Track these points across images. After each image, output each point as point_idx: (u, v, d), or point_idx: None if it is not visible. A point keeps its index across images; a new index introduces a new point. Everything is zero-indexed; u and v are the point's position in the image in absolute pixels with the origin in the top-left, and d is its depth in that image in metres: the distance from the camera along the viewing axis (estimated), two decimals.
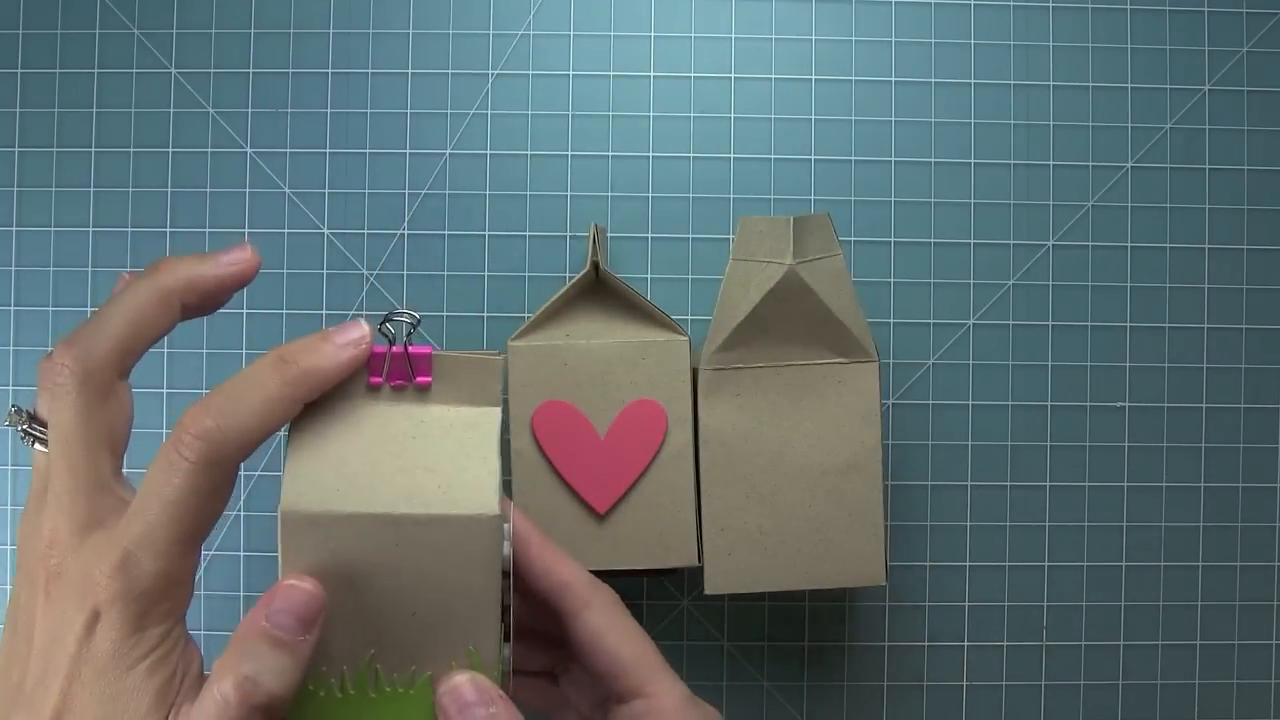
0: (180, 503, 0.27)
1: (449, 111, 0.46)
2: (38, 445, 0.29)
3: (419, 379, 0.29)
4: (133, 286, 0.30)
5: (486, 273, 0.46)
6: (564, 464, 0.38)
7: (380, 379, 0.29)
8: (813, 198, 0.46)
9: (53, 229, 0.46)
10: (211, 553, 0.45)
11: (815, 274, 0.38)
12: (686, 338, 0.39)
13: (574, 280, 0.39)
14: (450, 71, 0.46)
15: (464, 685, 0.28)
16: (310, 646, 0.27)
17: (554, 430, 0.38)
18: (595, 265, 0.39)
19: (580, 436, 0.38)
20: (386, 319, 0.29)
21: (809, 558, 0.39)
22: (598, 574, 0.34)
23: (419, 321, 0.30)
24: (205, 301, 0.31)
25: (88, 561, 0.27)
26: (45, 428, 0.29)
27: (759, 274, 0.38)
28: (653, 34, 0.46)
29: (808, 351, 0.39)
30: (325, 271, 0.46)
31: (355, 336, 0.29)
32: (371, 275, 0.46)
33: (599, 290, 0.40)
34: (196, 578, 0.29)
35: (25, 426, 0.29)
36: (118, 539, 0.27)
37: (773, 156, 0.46)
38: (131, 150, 0.46)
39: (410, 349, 0.29)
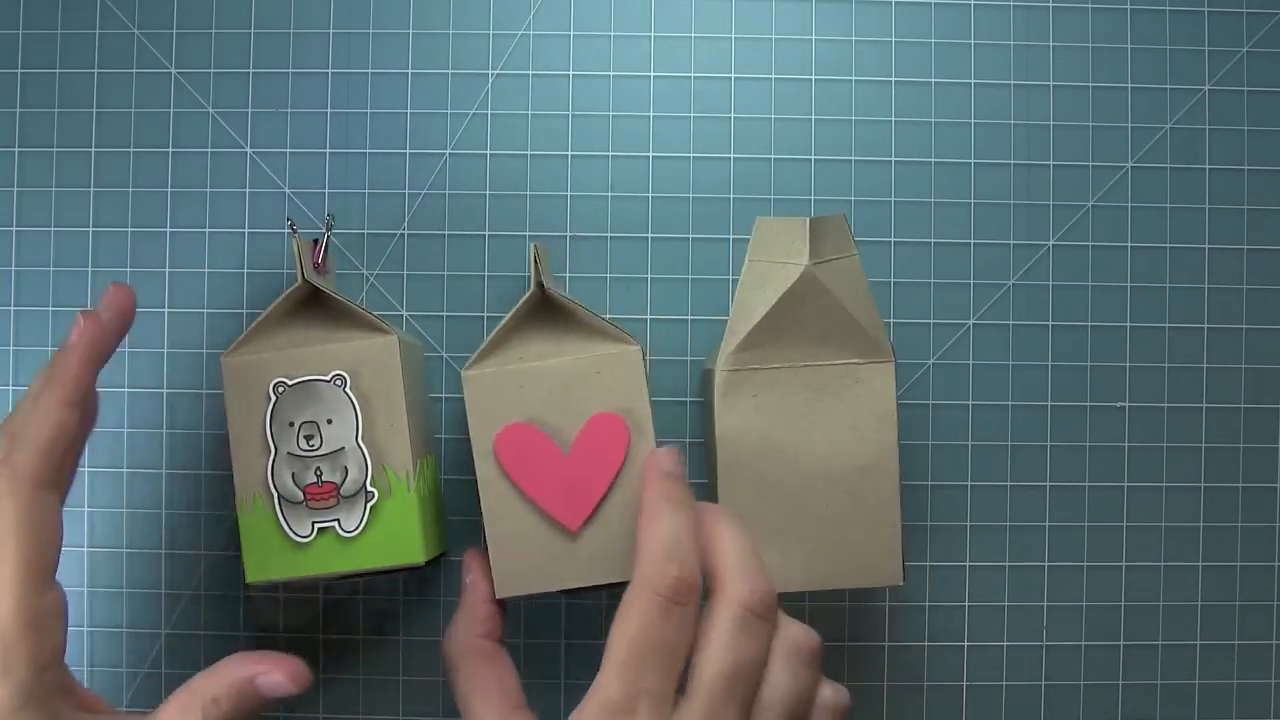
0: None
1: (449, 111, 0.46)
2: None
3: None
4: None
5: (486, 273, 0.46)
6: (531, 485, 0.37)
7: (318, 260, 0.40)
8: (813, 198, 0.46)
9: (53, 229, 0.46)
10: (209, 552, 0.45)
11: (832, 274, 0.37)
12: (637, 347, 0.38)
13: (521, 302, 0.39)
14: (450, 71, 0.46)
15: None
16: None
17: (518, 453, 0.37)
18: (540, 285, 0.38)
19: (544, 456, 0.37)
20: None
21: (826, 558, 0.38)
22: (575, 591, 0.37)
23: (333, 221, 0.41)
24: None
25: None
26: None
27: (775, 275, 0.38)
28: (653, 34, 0.46)
29: (824, 352, 0.38)
30: None
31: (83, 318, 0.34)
32: (371, 275, 0.46)
33: (547, 309, 0.40)
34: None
35: None
36: None
37: (773, 156, 0.46)
38: (131, 150, 0.46)
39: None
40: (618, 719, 0.30)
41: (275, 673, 0.33)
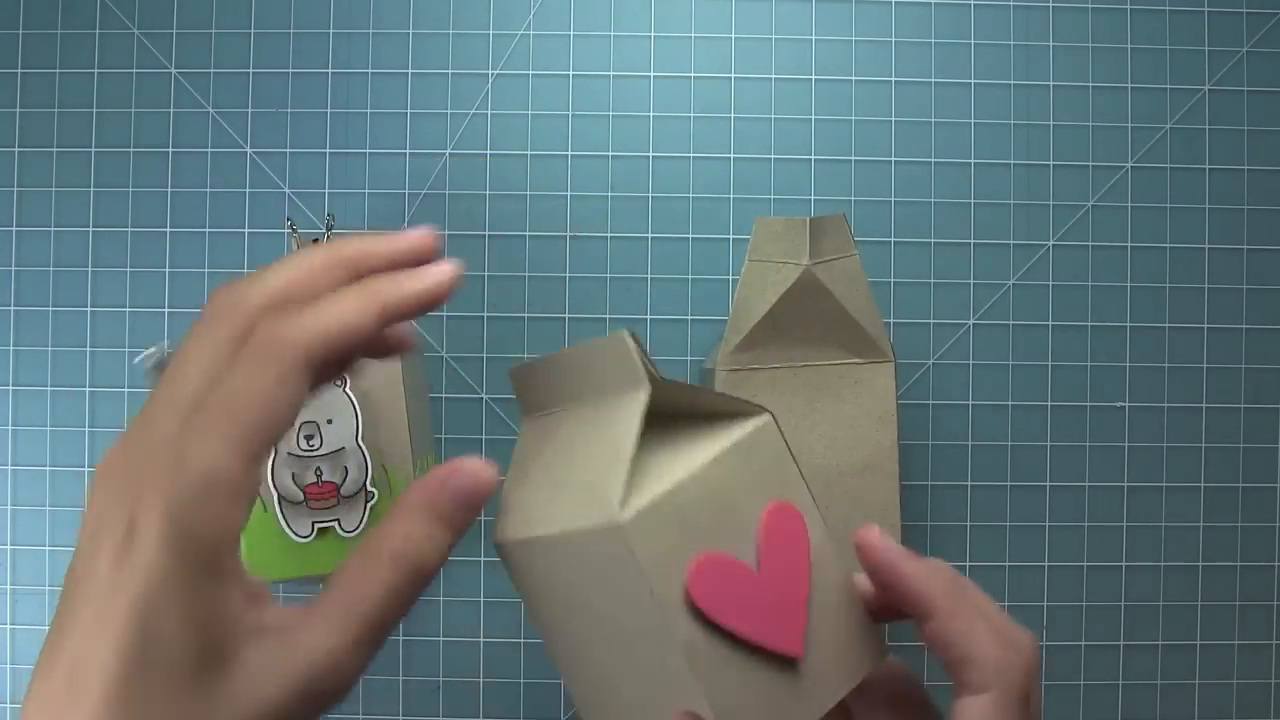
0: (253, 405, 0.24)
1: (449, 111, 0.46)
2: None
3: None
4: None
5: (486, 273, 0.46)
6: (742, 624, 0.27)
7: None
8: (813, 198, 0.46)
9: (53, 229, 0.46)
10: None
11: (831, 274, 0.37)
12: (768, 415, 0.28)
13: (637, 414, 0.27)
14: (450, 71, 0.46)
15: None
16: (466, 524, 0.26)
17: (716, 590, 0.27)
18: (653, 380, 0.27)
19: (741, 583, 0.27)
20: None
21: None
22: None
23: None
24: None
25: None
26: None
27: (775, 275, 0.38)
28: (653, 34, 0.46)
29: (824, 352, 0.38)
30: None
31: (444, 272, 0.26)
32: None
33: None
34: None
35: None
36: (173, 441, 0.23)
37: (773, 156, 0.46)
38: (131, 150, 0.46)
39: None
40: None
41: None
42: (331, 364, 0.26)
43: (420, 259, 0.27)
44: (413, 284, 0.26)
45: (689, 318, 0.46)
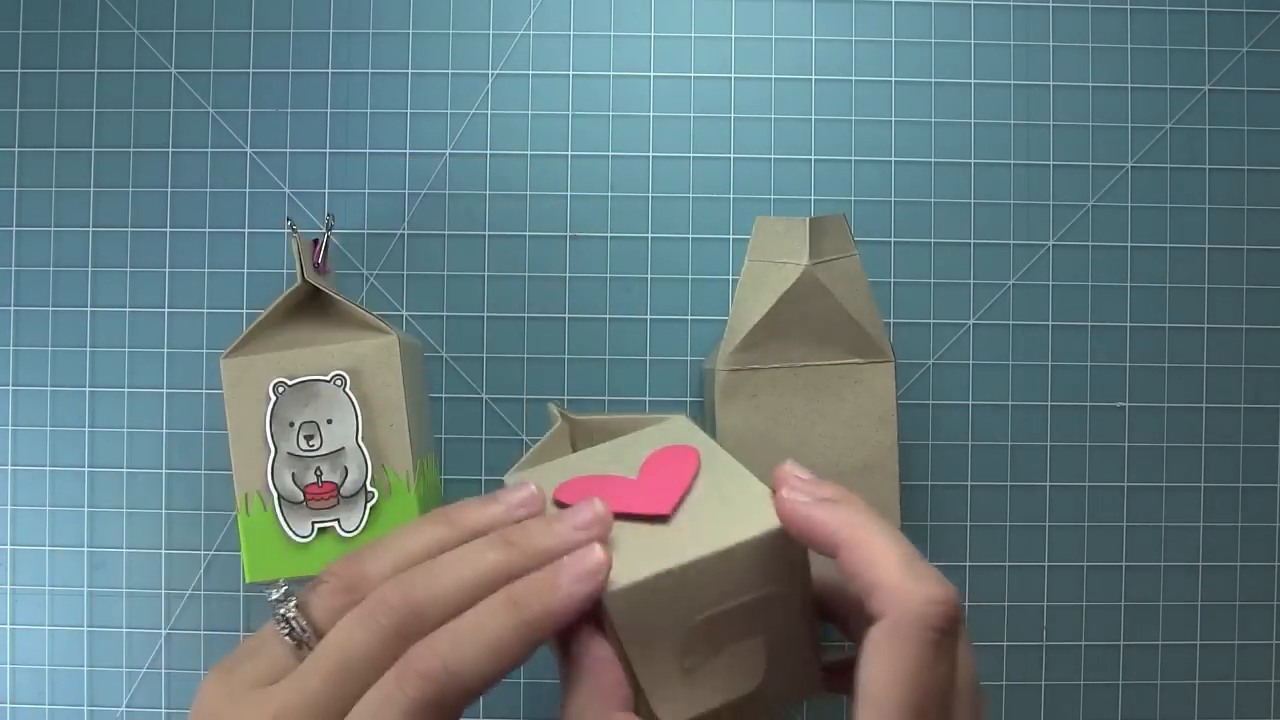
0: None
1: (449, 111, 0.46)
2: (289, 638, 0.27)
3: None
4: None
5: (486, 273, 0.46)
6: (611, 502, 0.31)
7: (318, 260, 0.39)
8: (813, 198, 0.46)
9: (53, 229, 0.46)
10: (212, 553, 0.46)
11: (832, 274, 0.37)
12: (684, 416, 0.34)
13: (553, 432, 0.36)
14: (450, 71, 0.46)
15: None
16: None
17: (575, 492, 0.32)
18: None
19: (608, 483, 0.33)
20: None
21: (827, 559, 0.38)
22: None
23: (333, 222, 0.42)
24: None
25: None
26: (311, 633, 0.27)
27: (775, 275, 0.38)
28: (653, 34, 0.46)
29: (824, 352, 0.38)
30: None
31: (590, 567, 0.27)
32: (371, 275, 0.46)
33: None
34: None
35: (293, 618, 0.27)
36: None
37: (773, 156, 0.46)
38: (131, 150, 0.46)
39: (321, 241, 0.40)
40: None
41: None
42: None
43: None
44: (549, 602, 0.27)
45: (689, 318, 0.46)
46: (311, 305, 0.40)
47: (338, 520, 0.38)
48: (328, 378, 0.38)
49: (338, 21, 0.46)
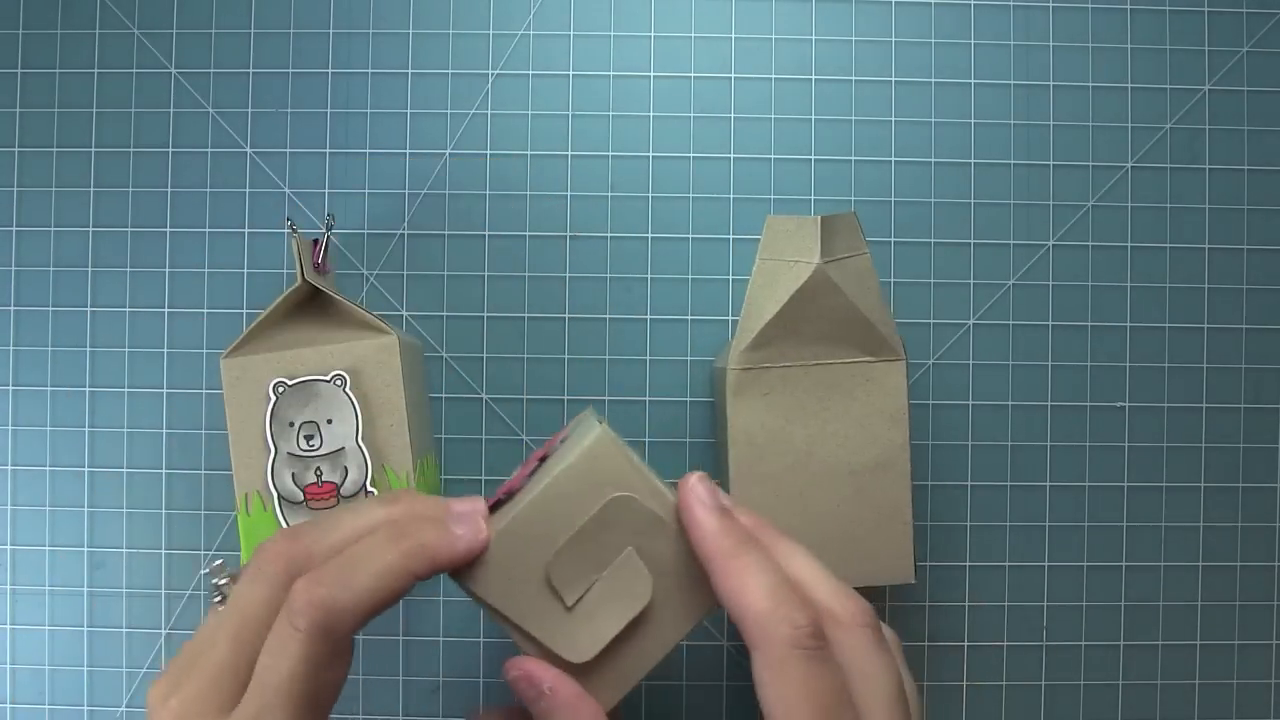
0: (294, 676, 0.26)
1: (449, 111, 0.46)
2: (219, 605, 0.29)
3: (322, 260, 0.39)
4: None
5: (486, 273, 0.46)
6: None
7: (318, 260, 0.39)
8: (813, 198, 0.46)
9: (53, 229, 0.46)
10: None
11: (843, 273, 0.37)
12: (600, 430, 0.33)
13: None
14: (450, 71, 0.46)
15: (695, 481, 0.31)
16: None
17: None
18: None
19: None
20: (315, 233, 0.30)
21: (837, 557, 0.38)
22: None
23: (333, 222, 0.42)
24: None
25: None
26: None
27: (786, 273, 0.38)
28: (653, 34, 0.46)
29: (835, 350, 0.38)
30: None
31: (469, 510, 0.30)
32: (371, 275, 0.46)
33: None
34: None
35: (224, 586, 0.29)
36: None
37: (773, 156, 0.46)
38: (131, 150, 0.46)
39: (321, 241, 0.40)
40: None
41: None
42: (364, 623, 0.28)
43: (473, 550, 0.30)
44: (438, 544, 0.29)
45: (689, 318, 0.46)
46: (311, 305, 0.40)
47: None
48: (328, 378, 0.38)
49: (338, 21, 0.46)
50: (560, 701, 0.29)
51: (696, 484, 0.31)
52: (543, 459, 0.34)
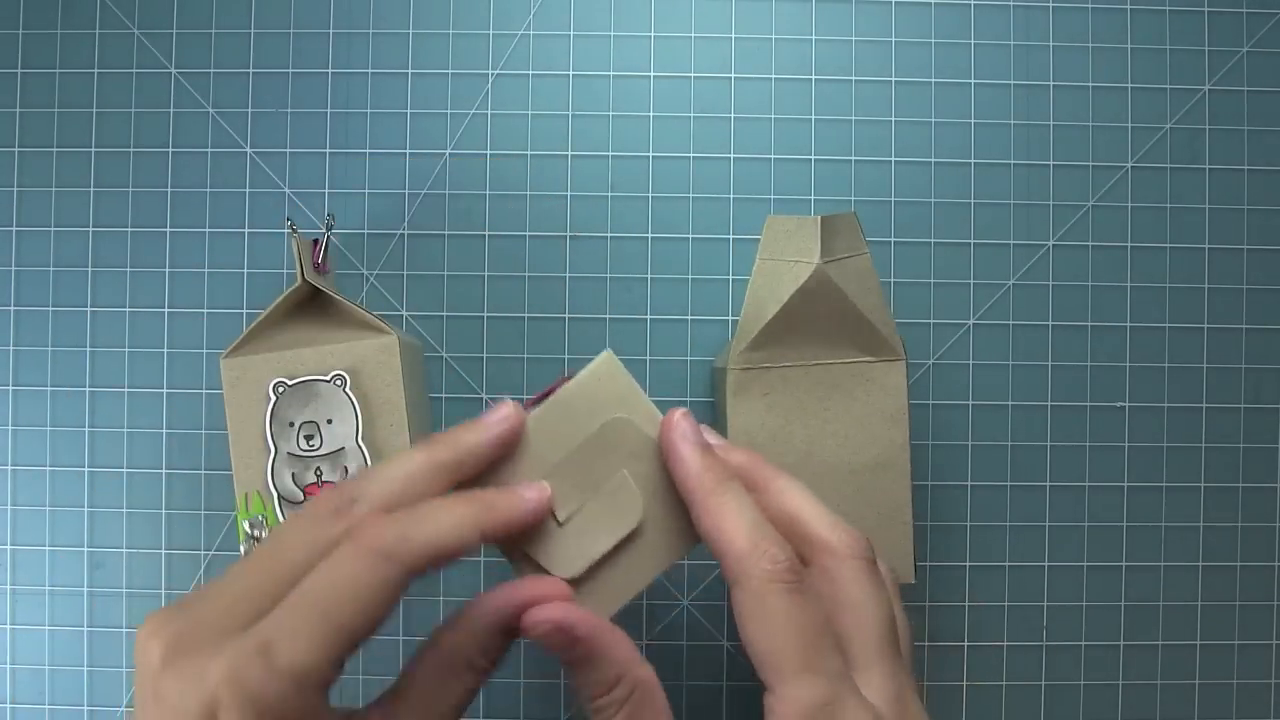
0: (344, 598, 0.24)
1: (449, 111, 0.46)
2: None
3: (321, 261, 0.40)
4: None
5: (486, 273, 0.46)
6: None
7: (318, 260, 0.40)
8: (813, 198, 0.46)
9: (52, 229, 0.46)
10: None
11: (843, 273, 0.37)
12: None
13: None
14: (450, 71, 0.46)
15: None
16: None
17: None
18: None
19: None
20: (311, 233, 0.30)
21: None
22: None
23: (332, 222, 0.42)
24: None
25: (225, 654, 0.24)
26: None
27: (787, 273, 0.38)
28: (653, 34, 0.46)
29: (836, 350, 0.38)
30: None
31: (533, 500, 0.30)
32: (371, 275, 0.46)
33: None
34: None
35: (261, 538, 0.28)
36: (260, 630, 0.24)
37: (773, 156, 0.46)
38: (131, 150, 0.46)
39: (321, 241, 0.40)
40: (828, 714, 0.27)
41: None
42: (424, 571, 0.27)
43: (511, 441, 0.31)
44: (507, 507, 0.29)
45: (689, 318, 0.46)
46: (311, 305, 0.40)
47: None
48: (328, 378, 0.38)
49: (338, 21, 0.46)
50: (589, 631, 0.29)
51: (680, 420, 0.31)
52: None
